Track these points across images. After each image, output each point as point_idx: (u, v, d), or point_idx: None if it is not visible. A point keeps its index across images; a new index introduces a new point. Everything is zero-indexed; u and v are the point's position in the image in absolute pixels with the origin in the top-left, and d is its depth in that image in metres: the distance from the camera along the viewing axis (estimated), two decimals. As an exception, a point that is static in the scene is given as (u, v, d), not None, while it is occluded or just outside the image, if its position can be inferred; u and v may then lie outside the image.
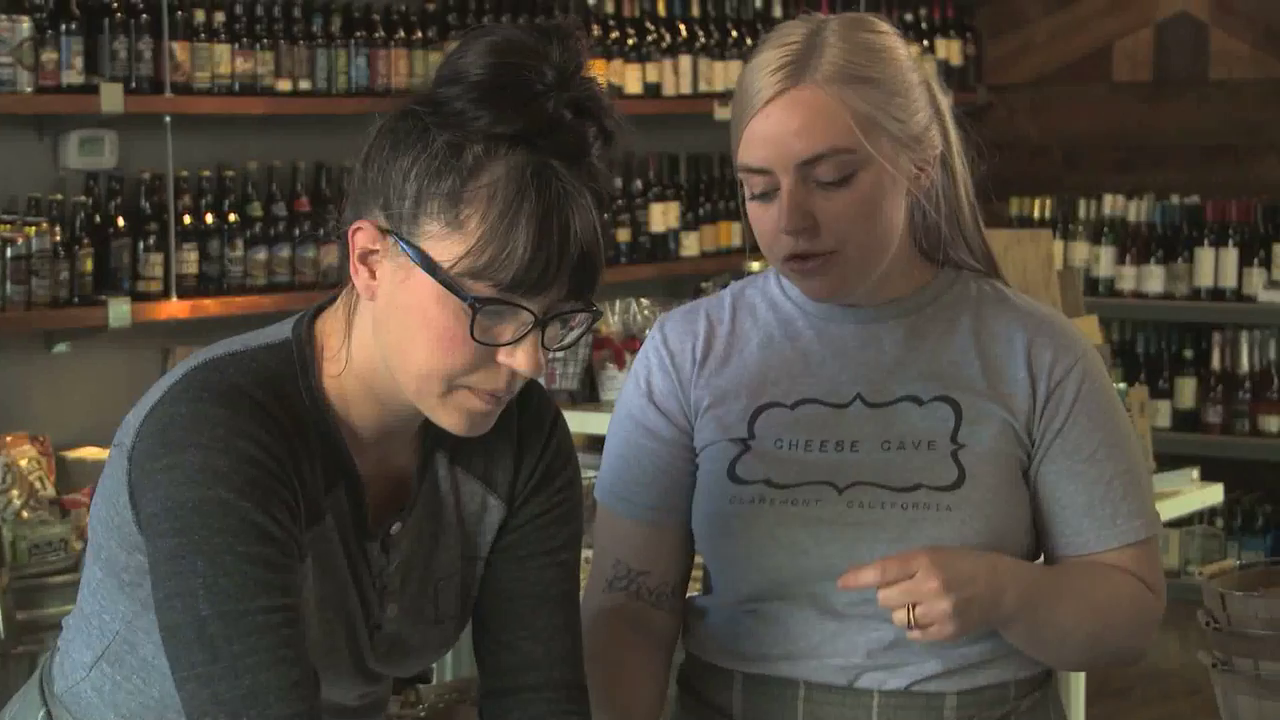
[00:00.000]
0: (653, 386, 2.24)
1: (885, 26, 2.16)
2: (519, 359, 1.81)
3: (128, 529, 1.86)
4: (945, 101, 2.19)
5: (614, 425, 2.25)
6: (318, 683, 1.84)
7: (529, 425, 2.01)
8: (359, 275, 1.85)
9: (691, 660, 2.26)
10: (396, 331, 1.84)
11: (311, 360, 1.90)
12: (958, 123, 2.21)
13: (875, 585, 2.03)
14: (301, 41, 5.67)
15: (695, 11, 6.99)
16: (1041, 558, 2.23)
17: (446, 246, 1.79)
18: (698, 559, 2.29)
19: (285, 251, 5.61)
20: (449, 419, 1.86)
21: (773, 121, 2.09)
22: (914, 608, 2.02)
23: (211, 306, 5.44)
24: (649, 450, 2.22)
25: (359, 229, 1.84)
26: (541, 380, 1.99)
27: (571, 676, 2.04)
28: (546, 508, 2.03)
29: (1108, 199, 7.61)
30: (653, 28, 6.83)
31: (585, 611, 2.10)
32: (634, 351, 4.63)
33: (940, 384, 2.17)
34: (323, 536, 1.89)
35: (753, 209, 2.14)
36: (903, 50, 2.15)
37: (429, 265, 1.79)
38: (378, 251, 1.84)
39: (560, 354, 5.46)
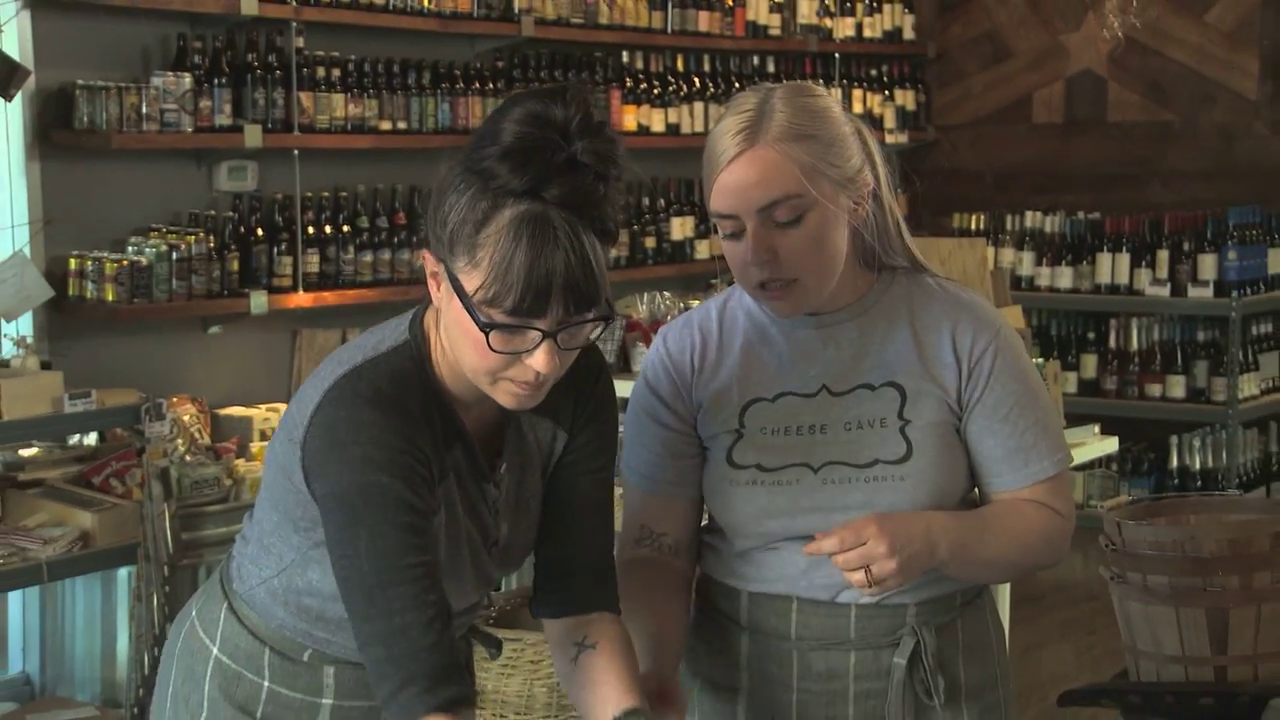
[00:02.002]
0: (661, 388, 2.21)
1: (820, 91, 2.12)
2: (537, 362, 1.82)
3: (302, 495, 1.91)
4: (875, 145, 2.15)
5: (631, 420, 2.22)
6: (450, 615, 1.87)
7: (581, 375, 2.00)
8: (430, 288, 1.88)
9: (705, 578, 2.25)
10: (452, 335, 1.86)
11: (427, 355, 1.92)
12: (885, 160, 2.16)
13: (834, 552, 2.02)
14: (399, 91, 5.68)
15: (707, 67, 6.99)
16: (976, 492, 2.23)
17: (471, 279, 1.80)
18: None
19: (387, 255, 5.63)
20: (502, 399, 1.87)
21: (735, 176, 2.05)
22: (869, 569, 2.01)
23: (330, 298, 5.46)
24: (662, 438, 2.19)
25: (425, 255, 1.87)
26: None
27: (602, 564, 2.06)
28: (594, 436, 2.04)
29: (1029, 215, 7.59)
30: (673, 80, 6.82)
31: (619, 562, 2.11)
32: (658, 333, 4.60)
33: (887, 371, 2.14)
34: (450, 487, 1.92)
35: (726, 246, 2.10)
36: (836, 109, 2.10)
37: (460, 292, 1.81)
38: (438, 273, 1.86)
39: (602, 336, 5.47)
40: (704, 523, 2.28)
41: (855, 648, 2.14)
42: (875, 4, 7.83)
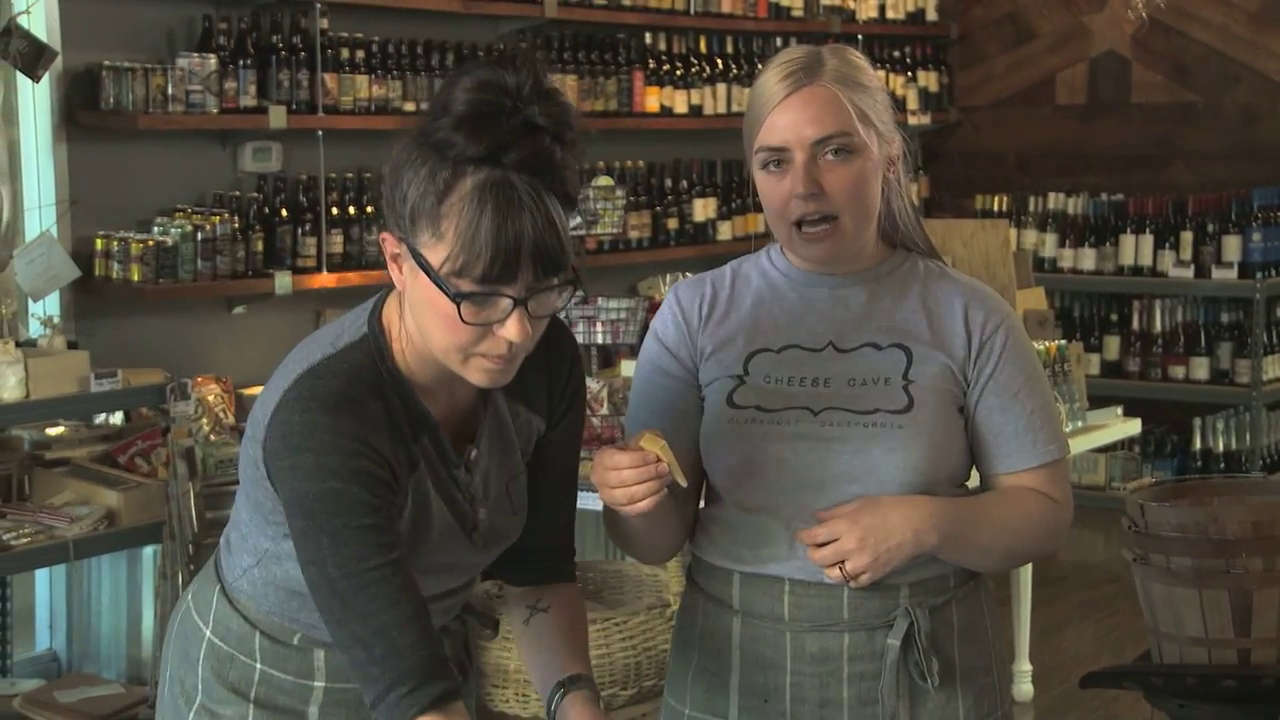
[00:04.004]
0: (667, 336, 2.21)
1: (860, 55, 2.18)
2: (509, 331, 1.79)
3: (268, 490, 1.90)
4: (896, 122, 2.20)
5: (637, 371, 2.23)
6: (427, 610, 1.85)
7: (555, 360, 2.01)
8: (392, 272, 1.85)
9: (697, 560, 2.23)
10: (419, 316, 1.83)
11: (386, 347, 1.89)
12: (904, 143, 2.20)
13: (812, 544, 2.04)
14: (423, 73, 5.68)
15: (730, 49, 6.97)
16: (975, 475, 2.21)
17: (436, 252, 1.77)
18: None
19: (411, 236, 5.61)
20: (474, 377, 1.85)
21: (792, 112, 2.10)
22: (843, 564, 2.03)
23: (353, 278, 5.46)
24: (663, 387, 2.19)
25: (385, 238, 1.84)
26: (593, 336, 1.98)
27: (564, 539, 2.10)
28: (569, 425, 2.05)
29: (1051, 196, 7.56)
30: (696, 62, 6.80)
31: None
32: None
33: (895, 334, 2.15)
34: (421, 476, 1.91)
35: (767, 184, 2.12)
36: (874, 72, 2.17)
37: (425, 267, 1.78)
38: (400, 254, 1.82)
39: (621, 315, 5.46)
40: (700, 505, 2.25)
41: (849, 629, 2.12)
42: (898, -15, 7.80)
